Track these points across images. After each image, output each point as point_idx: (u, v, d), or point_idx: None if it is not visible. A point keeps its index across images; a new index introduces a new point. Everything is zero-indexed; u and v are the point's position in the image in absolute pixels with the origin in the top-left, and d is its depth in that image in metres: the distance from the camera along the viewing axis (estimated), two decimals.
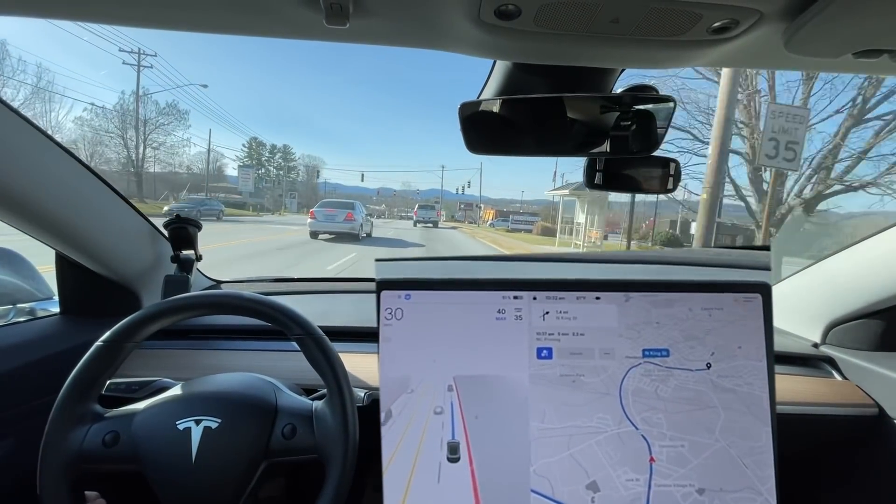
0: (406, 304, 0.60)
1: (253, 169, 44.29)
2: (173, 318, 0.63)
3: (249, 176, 41.41)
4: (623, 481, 0.57)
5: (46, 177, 0.73)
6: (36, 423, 0.64)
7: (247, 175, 41.47)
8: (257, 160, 57.54)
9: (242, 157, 57.66)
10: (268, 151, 59.96)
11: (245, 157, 57.35)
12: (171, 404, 0.61)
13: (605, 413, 0.58)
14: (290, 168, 62.05)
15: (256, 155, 57.92)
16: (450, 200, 79.73)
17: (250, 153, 58.09)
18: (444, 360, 0.59)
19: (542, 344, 0.60)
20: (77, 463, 0.57)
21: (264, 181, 55.40)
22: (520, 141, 0.76)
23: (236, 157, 58.63)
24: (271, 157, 60.29)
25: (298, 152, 73.92)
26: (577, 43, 0.49)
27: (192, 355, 0.90)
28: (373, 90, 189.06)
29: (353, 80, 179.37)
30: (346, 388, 0.61)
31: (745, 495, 0.57)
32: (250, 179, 41.06)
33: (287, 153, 61.72)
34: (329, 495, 0.57)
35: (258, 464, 0.59)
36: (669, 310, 0.60)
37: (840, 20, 0.40)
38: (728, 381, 0.59)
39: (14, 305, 0.96)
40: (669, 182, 0.81)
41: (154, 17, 0.49)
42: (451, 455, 0.57)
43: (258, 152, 58.49)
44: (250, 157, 57.56)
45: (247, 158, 57.55)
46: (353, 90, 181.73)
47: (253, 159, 57.50)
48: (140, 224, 0.97)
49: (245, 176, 41.32)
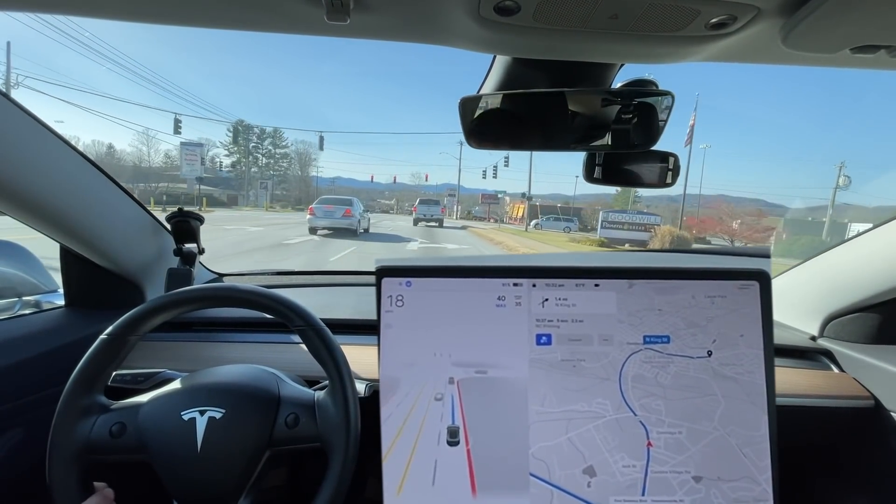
0: (407, 291, 0.61)
1: (202, 147, 32.61)
2: (176, 311, 0.64)
3: (196, 156, 30.64)
4: (620, 467, 0.58)
5: (50, 171, 0.74)
6: (44, 413, 0.65)
7: (192, 155, 30.58)
8: (244, 147, 51.82)
9: (227, 143, 52.06)
10: (256, 137, 53.96)
11: (230, 144, 51.56)
12: (176, 395, 0.62)
13: (604, 398, 0.59)
14: (281, 155, 56.17)
15: (243, 141, 52.30)
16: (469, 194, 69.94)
17: (235, 139, 51.77)
18: (444, 346, 0.60)
19: (541, 330, 0.60)
20: (85, 454, 0.58)
21: (252, 169, 49.40)
22: (520, 135, 0.77)
23: (220, 143, 53.27)
24: (259, 144, 54.05)
25: (291, 138, 67.35)
26: (576, 38, 0.50)
27: (196, 347, 0.91)
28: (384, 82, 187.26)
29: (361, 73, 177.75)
30: (348, 376, 0.61)
31: (743, 484, 0.57)
32: (197, 161, 30.64)
33: (277, 138, 55.30)
34: (332, 482, 0.58)
35: (262, 452, 0.60)
36: (672, 297, 0.60)
37: (837, 16, 0.40)
38: (729, 370, 0.59)
39: (20, 298, 0.97)
40: (668, 176, 0.81)
41: (155, 12, 0.49)
42: (451, 439, 0.58)
43: (245, 137, 52.44)
44: (235, 143, 51.97)
45: (232, 146, 51.44)
46: (360, 81, 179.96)
47: (239, 146, 51.46)
48: (143, 217, 0.98)
49: (190, 156, 30.44)
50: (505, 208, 47.97)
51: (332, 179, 79.72)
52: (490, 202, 44.26)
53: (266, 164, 54.29)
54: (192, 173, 30.29)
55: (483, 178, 36.14)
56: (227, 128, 51.60)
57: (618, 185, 0.88)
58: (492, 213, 44.18)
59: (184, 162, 30.76)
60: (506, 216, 45.31)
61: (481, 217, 45.33)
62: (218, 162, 54.15)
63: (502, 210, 47.04)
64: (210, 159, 47.18)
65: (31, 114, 0.69)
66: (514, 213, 44.10)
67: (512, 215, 44.75)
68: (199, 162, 31.20)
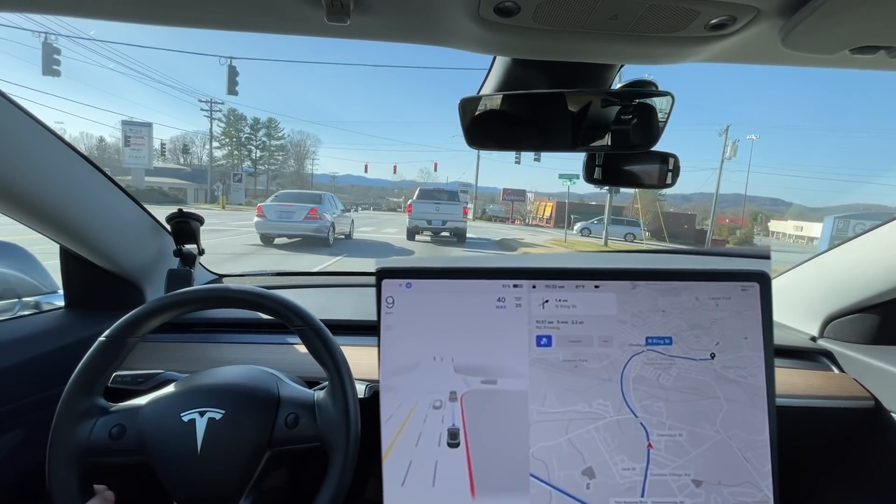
0: (407, 293, 0.61)
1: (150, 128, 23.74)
2: (176, 313, 0.64)
3: (144, 142, 23.26)
4: (619, 469, 0.57)
5: (50, 172, 0.74)
6: (44, 414, 0.65)
7: (138, 138, 23.11)
8: (236, 138, 48.21)
9: (218, 133, 46.68)
10: (249, 127, 49.53)
11: (221, 136, 47.39)
12: (176, 396, 0.62)
13: (605, 399, 0.59)
14: (277, 147, 51.90)
15: (235, 131, 48.39)
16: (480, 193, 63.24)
17: (227, 129, 47.75)
18: (444, 348, 0.60)
19: (541, 332, 0.60)
20: (85, 456, 0.58)
21: (245, 163, 45.55)
22: (520, 136, 0.77)
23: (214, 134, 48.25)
24: (253, 135, 49.69)
25: (287, 128, 64.03)
26: (576, 39, 0.50)
27: (196, 348, 0.91)
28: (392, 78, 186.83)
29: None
30: (348, 376, 0.61)
31: (745, 490, 0.57)
32: (144, 147, 23.29)
33: (273, 128, 50.75)
34: (332, 482, 0.58)
35: (262, 452, 0.60)
36: (676, 298, 0.60)
37: (836, 17, 0.40)
38: (732, 373, 0.59)
39: (19, 299, 0.97)
40: (668, 177, 0.81)
41: (154, 13, 0.49)
42: (452, 441, 0.58)
43: (236, 127, 48.40)
44: (227, 134, 47.94)
45: (223, 136, 47.46)
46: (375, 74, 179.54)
47: (231, 137, 47.88)
48: (143, 218, 0.98)
49: (135, 140, 23.00)
50: (528, 207, 40.82)
51: (332, 176, 73.07)
52: (514, 199, 36.81)
53: (260, 157, 50.91)
54: (137, 161, 22.67)
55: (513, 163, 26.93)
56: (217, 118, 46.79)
57: (618, 185, 0.88)
58: (515, 212, 37.34)
59: (127, 147, 23.35)
60: (529, 216, 38.63)
61: (501, 217, 37.14)
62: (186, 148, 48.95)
63: (525, 209, 40.13)
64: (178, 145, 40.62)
65: (31, 115, 0.69)
66: (539, 212, 36.48)
67: (537, 215, 37.24)
68: (146, 147, 23.59)
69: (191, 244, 1.05)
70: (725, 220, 23.14)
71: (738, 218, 24.62)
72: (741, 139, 27.68)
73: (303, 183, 54.19)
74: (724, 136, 23.90)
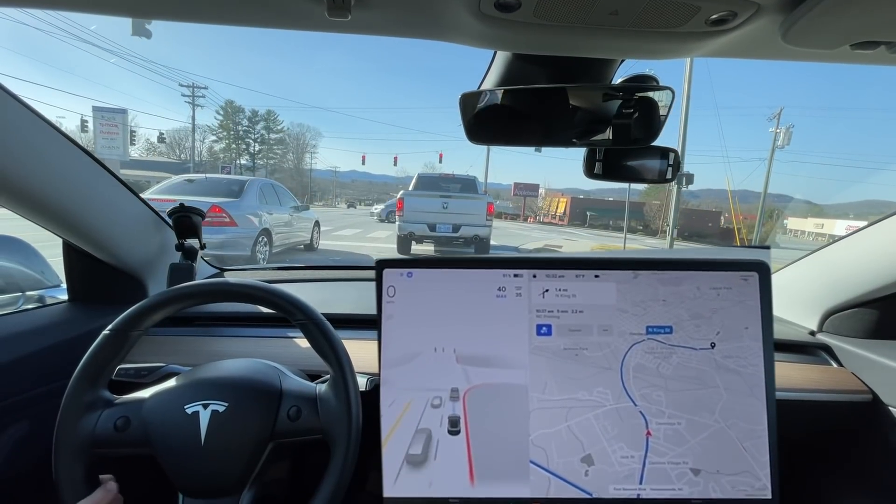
0: (408, 283, 0.62)
1: (125, 115, 20.89)
2: (178, 306, 0.65)
3: (116, 129, 20.38)
4: (618, 457, 0.58)
5: (53, 166, 0.74)
6: (49, 407, 0.66)
7: (110, 126, 20.31)
8: (233, 131, 46.94)
9: (215, 127, 46.55)
10: (247, 119, 47.95)
11: (218, 129, 46.70)
12: (180, 389, 0.63)
13: (604, 387, 0.59)
14: (276, 140, 49.85)
15: (232, 124, 47.08)
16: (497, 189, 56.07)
17: (224, 122, 46.63)
18: (445, 336, 0.61)
19: (541, 321, 0.61)
20: (90, 448, 0.58)
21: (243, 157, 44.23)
22: (521, 131, 0.77)
23: (208, 127, 47.41)
24: (251, 127, 48.12)
25: (287, 121, 60.36)
26: (577, 34, 0.50)
27: (199, 342, 0.91)
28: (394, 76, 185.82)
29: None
30: (349, 369, 0.62)
31: (743, 479, 0.57)
32: (118, 135, 20.36)
33: (271, 121, 48.95)
34: (334, 474, 0.58)
35: (265, 445, 0.61)
36: (677, 287, 0.61)
37: (837, 12, 0.40)
38: (733, 362, 0.59)
39: (23, 293, 0.98)
40: (668, 172, 0.81)
41: (156, 8, 0.50)
42: (452, 428, 0.59)
43: (234, 120, 47.06)
44: (224, 127, 46.80)
45: (220, 130, 46.65)
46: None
47: (229, 130, 46.84)
48: (145, 213, 0.98)
49: (107, 128, 20.24)
50: (539, 203, 38.07)
51: (335, 171, 68.65)
52: (527, 193, 33.79)
53: (259, 151, 48.89)
54: (110, 152, 19.61)
55: None
56: (215, 110, 46.26)
57: (618, 180, 0.88)
58: (527, 208, 34.98)
59: (98, 135, 20.17)
60: (540, 213, 36.09)
61: (511, 214, 35.10)
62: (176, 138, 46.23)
63: (536, 206, 37.45)
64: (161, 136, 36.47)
65: (32, 109, 0.69)
66: (552, 208, 33.86)
67: (549, 212, 34.70)
68: (119, 136, 20.58)
69: (192, 238, 1.06)
70: (740, 218, 22.70)
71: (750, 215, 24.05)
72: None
73: (301, 178, 52.78)
74: (777, 119, 21.13)
